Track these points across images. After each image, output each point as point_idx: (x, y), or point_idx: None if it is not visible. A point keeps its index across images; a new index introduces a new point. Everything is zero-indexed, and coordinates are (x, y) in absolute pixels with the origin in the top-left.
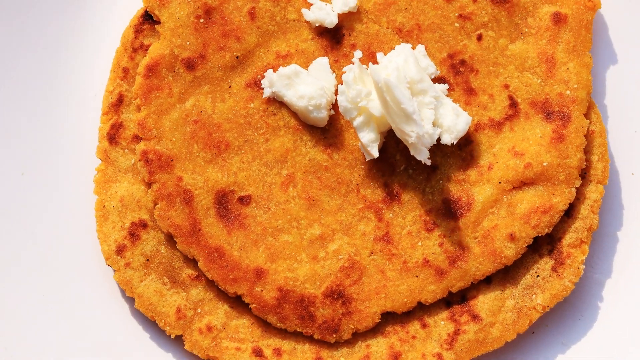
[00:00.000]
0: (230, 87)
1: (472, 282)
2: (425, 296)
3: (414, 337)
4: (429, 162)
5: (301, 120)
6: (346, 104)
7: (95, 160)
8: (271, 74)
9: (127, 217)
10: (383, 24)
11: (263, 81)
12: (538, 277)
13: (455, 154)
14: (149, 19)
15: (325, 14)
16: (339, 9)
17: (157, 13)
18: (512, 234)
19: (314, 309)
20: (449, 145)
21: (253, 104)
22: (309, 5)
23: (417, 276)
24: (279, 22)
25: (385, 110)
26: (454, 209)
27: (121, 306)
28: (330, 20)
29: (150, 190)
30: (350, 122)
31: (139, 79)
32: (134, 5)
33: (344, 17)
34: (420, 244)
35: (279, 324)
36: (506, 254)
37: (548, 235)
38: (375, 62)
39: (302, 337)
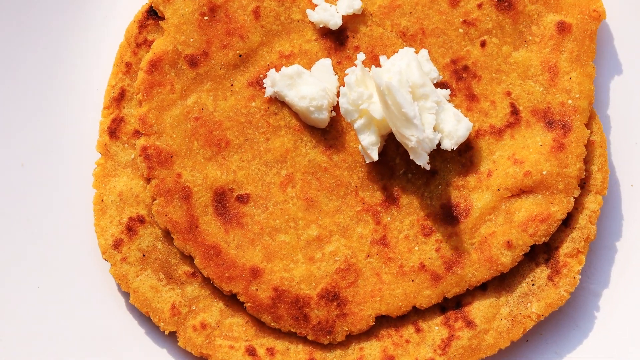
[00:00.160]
0: (232, 85)
1: (468, 288)
2: (421, 301)
3: (408, 342)
4: (428, 167)
5: (302, 121)
6: (347, 106)
7: (95, 154)
8: (274, 73)
9: (125, 211)
10: (387, 27)
11: (265, 80)
12: (534, 285)
13: (455, 159)
14: (153, 14)
15: (329, 15)
16: (343, 11)
17: (162, 9)
18: (509, 242)
19: (308, 309)
20: (449, 150)
21: (254, 103)
22: (314, 6)
23: (413, 280)
24: (283, 22)
25: (386, 113)
26: (452, 214)
27: (117, 301)
28: (334, 21)
29: (149, 186)
30: (351, 124)
31: (141, 74)
32: (139, 1)
33: (348, 19)
34: (417, 249)
35: (273, 324)
36: (502, 262)
37: (545, 244)
38: (378, 65)
39: (296, 337)
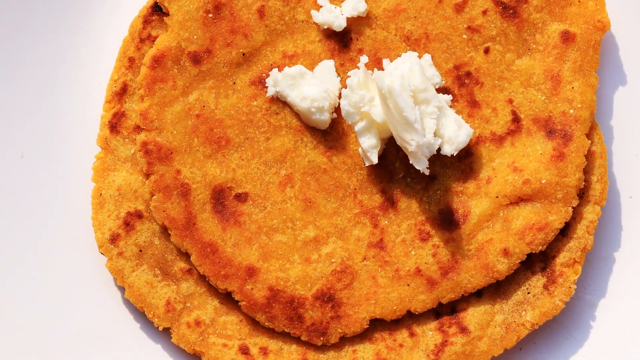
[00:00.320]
0: (234, 83)
1: (463, 295)
2: (415, 305)
3: (401, 346)
4: (427, 172)
5: (303, 122)
6: (349, 108)
7: (95, 148)
8: (276, 73)
9: (123, 206)
10: (391, 31)
11: (268, 80)
12: (529, 294)
13: (454, 165)
14: (158, 10)
15: (334, 16)
16: (348, 13)
17: (167, 5)
18: (506, 249)
19: (303, 310)
20: (449, 156)
21: (256, 102)
22: (319, 7)
23: (409, 285)
24: (288, 22)
25: (387, 117)
26: (450, 220)
27: (113, 295)
28: (338, 23)
29: (147, 181)
30: (351, 127)
31: (144, 69)
32: None
33: (352, 21)
34: (414, 253)
35: (267, 323)
36: (499, 269)
37: (542, 252)
38: (381, 69)
39: (290, 337)
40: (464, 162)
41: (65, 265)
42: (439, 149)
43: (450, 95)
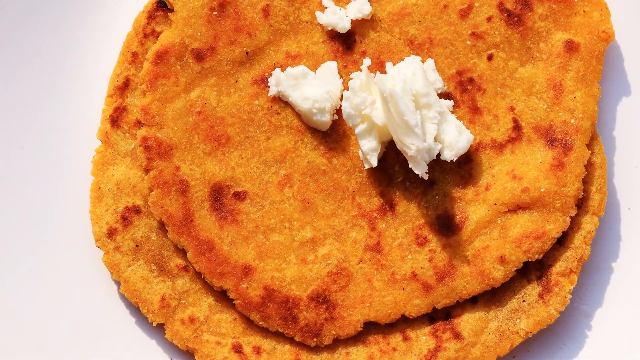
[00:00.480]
0: (236, 81)
1: (458, 301)
2: (410, 310)
3: (395, 349)
4: (426, 177)
5: (304, 122)
6: (350, 110)
7: (96, 141)
8: (279, 72)
9: (121, 201)
10: (395, 34)
11: (270, 79)
12: (524, 302)
13: (454, 171)
14: (162, 6)
15: (338, 18)
16: (352, 15)
17: (172, 1)
18: (502, 257)
19: (297, 311)
20: (449, 161)
21: (258, 101)
22: (324, 8)
23: (404, 289)
24: (292, 22)
25: (388, 120)
26: (447, 225)
27: (109, 289)
28: (343, 25)
29: (146, 177)
30: (352, 129)
31: (147, 64)
32: None
33: (357, 23)
34: (410, 257)
35: (261, 323)
36: (494, 276)
37: (538, 261)
38: (384, 72)
39: (283, 338)
40: (464, 168)
41: (61, 258)
42: (438, 154)
43: (452, 100)
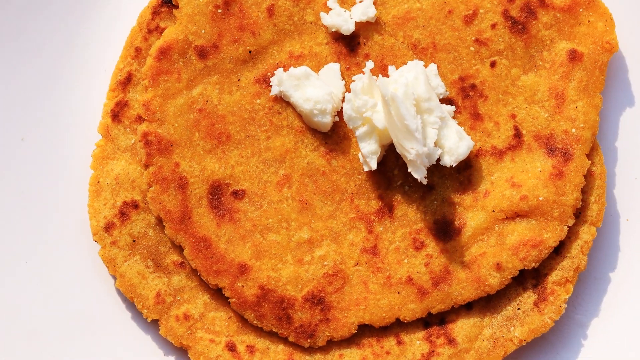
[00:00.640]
0: (239, 80)
1: (453, 306)
2: (405, 314)
3: (388, 353)
4: (425, 181)
5: (305, 123)
6: (351, 112)
7: (96, 135)
8: (281, 72)
9: (119, 195)
10: (399, 38)
11: (272, 79)
12: (519, 309)
13: (453, 176)
14: (167, 2)
15: (343, 20)
16: (357, 17)
17: None
18: (498, 264)
19: (292, 311)
20: (448, 167)
21: (259, 100)
22: (328, 9)
23: (399, 293)
24: (296, 23)
25: (389, 123)
26: (445, 230)
27: (106, 284)
28: (347, 27)
29: (146, 172)
30: (352, 131)
31: (149, 60)
32: None
33: (361, 26)
34: (407, 261)
35: (255, 322)
36: (490, 283)
37: (534, 269)
38: (387, 75)
39: (277, 337)
40: (463, 174)
41: (58, 251)
42: (438, 159)
43: (454, 106)
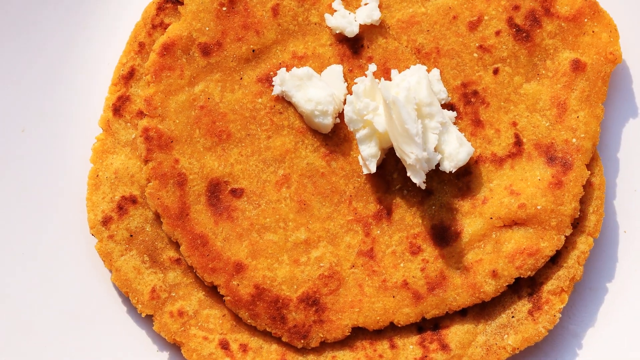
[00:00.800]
0: (241, 78)
1: (447, 312)
2: (399, 318)
3: (381, 356)
4: (423, 186)
5: (305, 124)
6: (352, 114)
7: (97, 129)
8: (284, 72)
9: (118, 190)
10: (403, 42)
11: (275, 78)
12: (513, 317)
13: (452, 182)
14: None
15: (347, 22)
16: (361, 20)
17: None
18: (494, 271)
19: (286, 311)
20: (448, 172)
21: (261, 100)
22: (333, 11)
23: (394, 296)
24: (301, 23)
25: (389, 127)
26: (442, 236)
27: (101, 277)
28: (351, 29)
29: (145, 167)
30: (353, 133)
31: (153, 55)
32: None
33: (365, 28)
34: (403, 265)
35: (249, 321)
36: (485, 290)
37: (530, 278)
38: (389, 79)
39: (271, 337)
40: (462, 180)
41: (55, 243)
42: (438, 165)
43: (455, 112)
